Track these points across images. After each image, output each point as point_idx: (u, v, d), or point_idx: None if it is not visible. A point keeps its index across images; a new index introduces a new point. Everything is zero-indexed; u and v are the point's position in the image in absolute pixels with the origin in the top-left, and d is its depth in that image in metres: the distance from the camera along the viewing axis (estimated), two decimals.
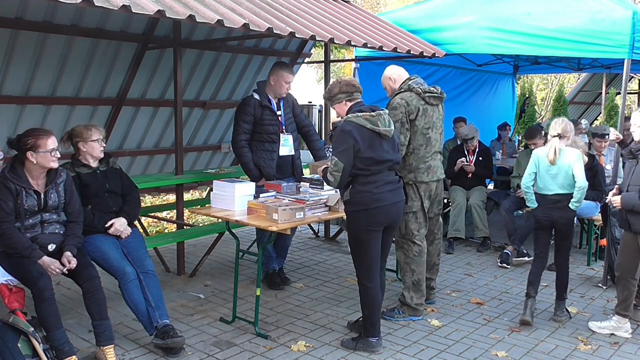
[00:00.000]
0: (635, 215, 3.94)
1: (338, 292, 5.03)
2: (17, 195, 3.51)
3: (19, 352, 3.20)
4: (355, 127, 3.63)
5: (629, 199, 3.95)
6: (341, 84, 3.87)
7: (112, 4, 3.20)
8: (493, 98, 9.66)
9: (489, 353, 3.89)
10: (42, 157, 3.52)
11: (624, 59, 5.31)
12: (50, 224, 3.66)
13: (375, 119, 3.66)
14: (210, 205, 4.42)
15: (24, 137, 3.57)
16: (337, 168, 3.61)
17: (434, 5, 6.80)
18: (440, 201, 4.61)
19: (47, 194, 3.63)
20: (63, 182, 3.72)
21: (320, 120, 14.73)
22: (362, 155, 3.62)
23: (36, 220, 3.60)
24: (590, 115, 15.36)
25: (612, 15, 5.36)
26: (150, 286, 3.82)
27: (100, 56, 5.56)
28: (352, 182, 3.70)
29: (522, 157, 6.53)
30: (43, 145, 3.52)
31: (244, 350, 3.87)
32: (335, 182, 3.65)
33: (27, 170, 3.57)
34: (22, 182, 3.54)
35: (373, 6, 21.21)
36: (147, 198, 8.53)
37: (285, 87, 4.93)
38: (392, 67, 4.63)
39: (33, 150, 3.51)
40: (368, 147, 3.63)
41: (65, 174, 3.76)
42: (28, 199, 3.55)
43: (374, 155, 3.65)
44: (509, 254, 5.88)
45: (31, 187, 3.56)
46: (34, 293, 3.40)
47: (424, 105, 4.32)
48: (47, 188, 3.63)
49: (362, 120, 3.64)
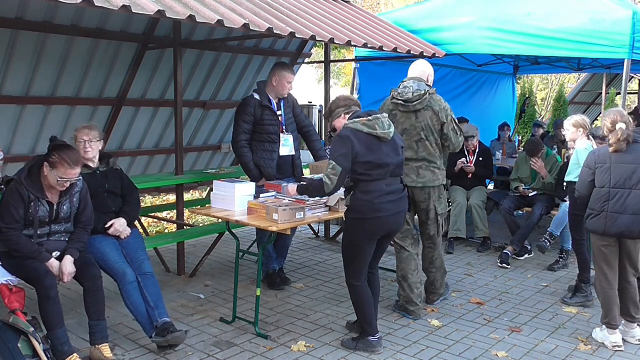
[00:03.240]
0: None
1: (338, 292, 5.03)
2: (30, 203, 3.49)
3: (19, 352, 3.20)
4: (353, 132, 3.63)
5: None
6: (339, 99, 3.93)
7: (112, 4, 3.20)
8: (493, 98, 9.66)
9: (489, 353, 3.88)
10: (53, 177, 3.48)
11: (624, 59, 5.31)
12: (57, 233, 3.67)
13: (372, 122, 3.65)
14: (210, 205, 4.42)
15: (55, 149, 3.51)
16: (334, 171, 3.59)
17: (434, 5, 6.81)
18: (426, 209, 4.47)
19: (60, 206, 3.62)
20: (79, 191, 3.71)
21: (320, 120, 14.72)
22: (360, 159, 3.60)
23: (44, 232, 3.61)
24: (590, 115, 15.34)
25: (612, 15, 5.36)
26: (149, 287, 3.82)
27: (100, 56, 5.56)
28: (353, 188, 3.69)
29: (520, 160, 6.53)
30: (62, 172, 3.46)
31: (244, 350, 3.87)
32: (331, 185, 3.61)
33: (42, 177, 3.54)
34: (37, 191, 3.51)
35: (373, 6, 21.19)
36: (147, 198, 8.53)
37: (287, 87, 4.95)
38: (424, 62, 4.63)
39: (51, 167, 3.47)
40: (366, 150, 3.61)
41: (82, 183, 3.73)
42: (40, 209, 3.53)
43: (373, 159, 3.63)
44: (509, 254, 5.89)
45: (45, 197, 3.54)
46: (39, 291, 3.41)
47: (394, 110, 4.37)
48: (60, 199, 3.62)
49: (359, 125, 3.64)
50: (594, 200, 3.97)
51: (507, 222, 6.33)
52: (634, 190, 3.82)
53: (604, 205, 3.89)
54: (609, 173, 3.88)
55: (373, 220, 3.67)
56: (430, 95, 4.35)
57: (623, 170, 3.85)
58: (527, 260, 6.04)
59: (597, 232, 3.97)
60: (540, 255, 6.06)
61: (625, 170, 3.85)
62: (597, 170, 3.94)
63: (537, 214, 6.03)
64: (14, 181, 3.56)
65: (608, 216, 3.87)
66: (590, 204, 4.00)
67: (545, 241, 5.78)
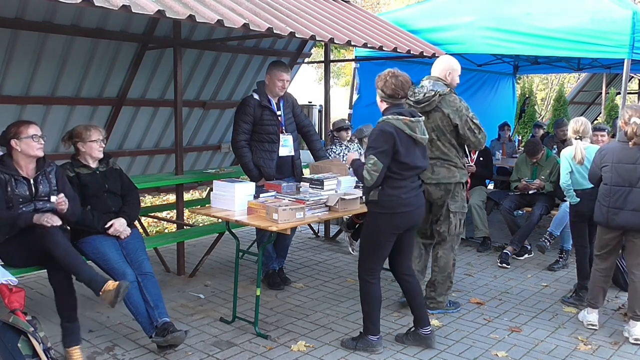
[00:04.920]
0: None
1: (338, 292, 5.03)
2: (7, 183, 3.58)
3: (19, 352, 3.20)
4: (396, 130, 3.61)
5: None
6: (407, 82, 3.75)
7: (112, 4, 3.20)
8: (493, 98, 9.66)
9: (489, 353, 3.89)
10: (25, 143, 3.61)
11: (624, 59, 5.31)
12: (42, 210, 3.69)
13: (414, 124, 3.66)
14: (210, 205, 4.41)
15: (7, 128, 3.67)
16: (376, 168, 3.58)
17: (434, 5, 6.81)
18: (441, 206, 4.46)
19: (37, 181, 3.69)
20: (53, 171, 3.80)
21: (320, 120, 14.71)
22: (399, 159, 3.62)
23: (29, 209, 3.65)
24: (590, 115, 15.36)
25: (612, 15, 5.37)
26: (149, 287, 3.82)
27: (100, 56, 5.56)
28: (382, 184, 3.68)
29: (520, 161, 6.53)
30: (24, 131, 3.61)
31: (244, 350, 3.87)
32: (371, 181, 3.61)
33: (15, 161, 3.66)
34: (10, 170, 3.62)
35: (373, 6, 21.18)
36: (147, 198, 8.53)
37: (279, 85, 4.88)
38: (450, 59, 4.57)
39: (16, 138, 3.61)
40: (405, 152, 3.63)
41: (55, 165, 3.84)
42: (18, 186, 3.62)
43: (409, 161, 3.66)
44: (509, 254, 5.89)
45: (19, 174, 3.64)
46: (55, 256, 3.47)
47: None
48: (36, 174, 3.70)
49: (401, 124, 3.63)
50: (600, 195, 4.21)
51: (507, 222, 6.33)
52: (635, 188, 4.01)
53: (607, 201, 4.12)
54: (612, 171, 4.09)
55: (402, 215, 3.71)
56: (441, 96, 4.31)
57: (625, 169, 4.04)
58: (527, 260, 6.04)
59: (601, 223, 4.21)
60: (540, 255, 6.06)
61: (627, 168, 4.03)
62: (604, 169, 4.16)
63: (537, 214, 6.03)
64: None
65: (610, 211, 4.10)
66: (598, 196, 4.24)
67: (545, 241, 5.79)
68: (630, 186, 4.01)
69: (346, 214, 4.49)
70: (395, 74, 3.73)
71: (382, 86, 3.75)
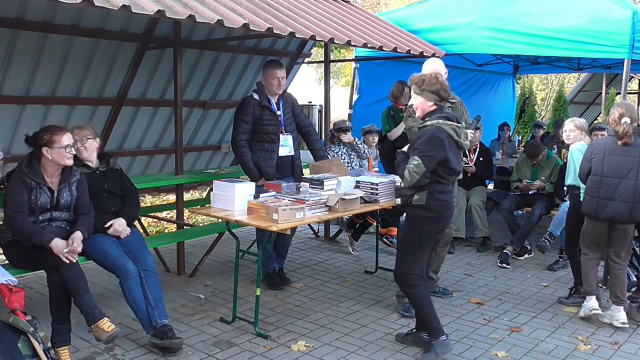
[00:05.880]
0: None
1: (338, 292, 5.03)
2: (32, 190, 3.57)
3: (19, 352, 3.20)
4: (447, 137, 3.63)
5: None
6: (445, 85, 3.72)
7: (112, 4, 3.21)
8: (493, 98, 9.66)
9: (489, 353, 3.88)
10: (57, 153, 3.58)
11: (624, 59, 5.31)
12: (58, 220, 3.73)
13: (460, 130, 3.69)
14: (210, 205, 4.41)
15: (40, 133, 3.63)
16: (418, 170, 3.58)
17: (434, 5, 6.81)
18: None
19: (60, 193, 3.69)
20: (76, 181, 3.77)
21: (320, 120, 14.71)
22: (448, 165, 3.64)
23: (45, 218, 3.66)
24: (590, 115, 15.36)
25: (612, 15, 5.37)
26: (151, 284, 3.82)
27: (100, 56, 5.56)
28: (429, 188, 3.67)
29: (520, 162, 6.53)
30: (58, 141, 3.57)
31: (244, 350, 3.87)
32: (411, 182, 3.62)
33: (42, 166, 3.63)
34: (38, 177, 3.60)
35: (373, 6, 21.18)
36: (147, 198, 8.53)
37: (274, 83, 4.85)
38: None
39: (48, 146, 3.57)
40: (454, 158, 3.67)
41: (79, 174, 3.81)
42: (41, 196, 3.61)
43: (456, 167, 3.71)
44: (509, 254, 5.89)
45: (46, 183, 3.62)
46: (64, 276, 3.48)
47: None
48: (60, 186, 3.68)
49: (450, 129, 3.64)
50: (589, 187, 4.30)
51: (507, 222, 6.33)
52: (624, 180, 4.14)
53: (597, 192, 4.22)
54: (603, 163, 4.21)
55: (446, 218, 3.84)
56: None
57: (615, 161, 4.18)
58: (527, 260, 6.04)
59: (590, 215, 4.31)
60: (540, 255, 6.06)
61: (617, 161, 4.17)
62: (594, 161, 4.26)
63: (537, 214, 6.03)
64: (15, 170, 3.64)
65: (600, 202, 4.21)
66: (586, 189, 4.35)
67: (545, 241, 5.79)
68: (620, 178, 4.13)
69: (346, 214, 4.49)
70: (440, 75, 3.76)
71: (440, 88, 3.68)
